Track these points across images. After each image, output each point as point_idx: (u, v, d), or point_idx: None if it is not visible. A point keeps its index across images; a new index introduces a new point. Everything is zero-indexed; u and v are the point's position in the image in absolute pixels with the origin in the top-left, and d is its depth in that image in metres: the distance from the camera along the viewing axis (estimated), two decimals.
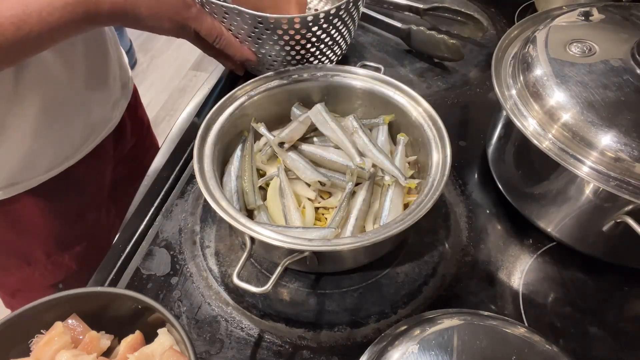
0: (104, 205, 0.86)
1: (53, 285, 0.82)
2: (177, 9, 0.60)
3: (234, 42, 0.67)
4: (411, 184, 0.58)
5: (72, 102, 0.70)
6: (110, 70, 0.77)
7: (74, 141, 0.73)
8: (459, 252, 0.62)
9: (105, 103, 0.78)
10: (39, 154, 0.69)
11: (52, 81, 0.65)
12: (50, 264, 0.80)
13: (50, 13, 0.51)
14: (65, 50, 0.65)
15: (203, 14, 0.63)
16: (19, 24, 0.50)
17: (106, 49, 0.75)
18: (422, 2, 0.93)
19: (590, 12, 0.64)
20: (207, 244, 0.63)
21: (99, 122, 0.77)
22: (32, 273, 0.80)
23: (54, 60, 0.64)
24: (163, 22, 0.60)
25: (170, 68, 2.55)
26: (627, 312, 0.58)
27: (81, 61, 0.69)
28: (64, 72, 0.66)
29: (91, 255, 0.82)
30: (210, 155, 0.58)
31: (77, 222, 0.81)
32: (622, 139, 0.50)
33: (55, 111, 0.68)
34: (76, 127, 0.72)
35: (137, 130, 0.92)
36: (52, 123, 0.68)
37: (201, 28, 0.63)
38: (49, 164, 0.71)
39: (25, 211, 0.73)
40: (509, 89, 0.60)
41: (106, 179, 0.85)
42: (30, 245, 0.77)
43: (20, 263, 0.79)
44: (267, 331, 0.56)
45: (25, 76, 0.62)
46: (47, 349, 0.43)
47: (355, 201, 0.58)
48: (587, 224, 0.57)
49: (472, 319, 0.45)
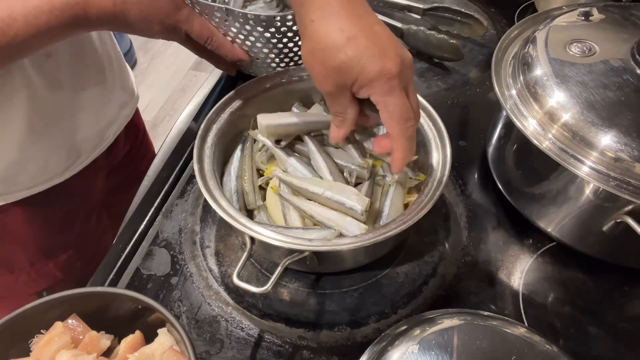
0: (94, 213, 0.84)
1: (37, 293, 0.80)
2: (167, 11, 0.58)
3: (226, 42, 0.67)
4: (420, 177, 0.58)
5: (57, 118, 0.68)
6: (105, 89, 0.75)
7: (60, 160, 0.72)
8: (459, 252, 0.62)
9: (97, 122, 0.76)
10: (22, 169, 0.67)
11: (35, 93, 0.64)
12: (34, 272, 0.78)
13: (36, 17, 0.50)
14: (46, 65, 0.64)
15: (194, 15, 0.62)
16: (4, 28, 0.49)
17: (101, 67, 0.74)
18: (422, 2, 0.93)
19: (590, 12, 0.64)
20: (207, 244, 0.63)
21: (88, 141, 0.75)
22: (15, 280, 0.78)
23: (35, 73, 0.63)
24: (153, 25, 0.58)
25: (170, 68, 2.55)
26: (627, 312, 0.58)
27: (65, 76, 0.67)
28: (46, 86, 0.65)
29: (78, 264, 0.81)
30: (210, 155, 0.58)
31: (64, 230, 0.79)
32: (622, 139, 0.50)
33: (40, 125, 0.66)
34: (62, 145, 0.71)
35: (131, 137, 0.89)
36: (36, 137, 0.66)
37: (192, 30, 0.62)
38: (32, 180, 0.69)
39: (9, 219, 0.71)
40: (509, 89, 0.60)
41: (97, 188, 0.83)
42: (13, 252, 0.76)
43: (3, 271, 0.77)
44: (267, 331, 0.56)
45: (10, 84, 0.61)
46: (47, 349, 0.43)
47: None
48: (587, 224, 0.57)
49: (472, 319, 0.45)
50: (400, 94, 0.46)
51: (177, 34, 0.62)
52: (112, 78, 0.77)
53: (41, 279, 0.80)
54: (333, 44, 0.46)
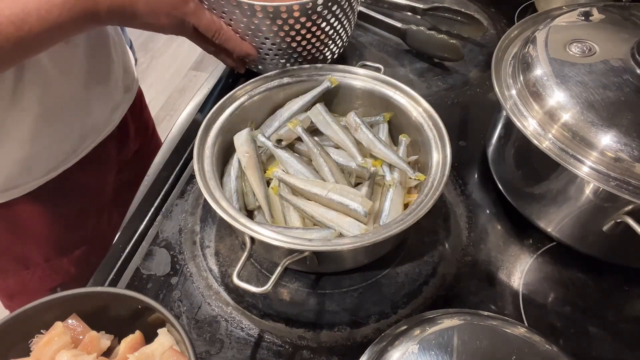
0: (105, 210, 0.85)
1: (51, 289, 0.81)
2: (175, 4, 0.59)
3: (234, 36, 0.67)
4: (420, 177, 0.58)
5: (70, 105, 0.70)
6: (112, 73, 0.77)
7: (72, 143, 0.73)
8: (459, 252, 0.62)
9: (105, 106, 0.77)
10: (36, 157, 0.68)
11: (51, 84, 0.65)
12: (48, 268, 0.79)
13: (48, 11, 0.51)
14: (63, 53, 0.65)
15: (201, 8, 0.63)
16: (19, 23, 0.50)
17: (108, 52, 0.75)
18: (422, 2, 0.93)
19: (590, 12, 0.64)
20: (207, 244, 0.63)
21: (97, 124, 0.76)
22: (30, 277, 0.79)
23: (52, 64, 0.64)
24: (161, 18, 0.59)
25: (170, 68, 2.55)
26: (627, 312, 0.58)
27: (80, 64, 0.69)
28: (61, 75, 0.66)
29: (91, 260, 0.81)
30: (210, 155, 0.58)
31: (77, 226, 0.80)
32: (622, 139, 0.50)
33: (54, 114, 0.67)
34: (74, 130, 0.72)
35: (141, 134, 0.91)
36: (50, 126, 0.68)
37: (200, 23, 0.63)
38: (46, 167, 0.71)
39: (24, 215, 0.72)
40: (509, 89, 0.60)
41: (108, 184, 0.84)
42: (28, 249, 0.77)
43: (18, 267, 0.78)
44: (267, 331, 0.56)
45: (24, 79, 0.61)
46: (47, 349, 0.43)
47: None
48: (587, 224, 0.57)
49: (472, 319, 0.45)
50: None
51: (185, 27, 0.62)
52: (117, 62, 0.78)
53: (56, 275, 0.80)
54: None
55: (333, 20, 0.70)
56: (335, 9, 0.68)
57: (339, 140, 0.62)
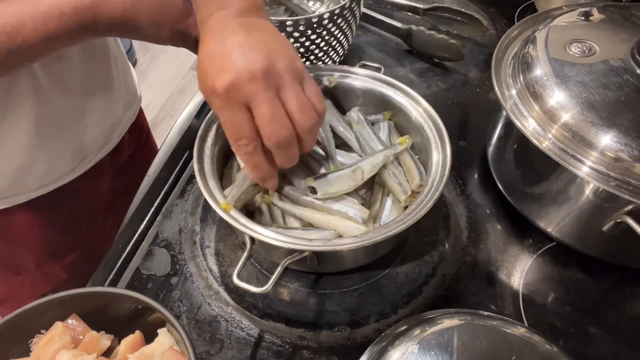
0: (100, 215, 0.84)
1: (41, 295, 0.80)
2: (177, 17, 0.58)
3: None
4: (413, 195, 0.57)
5: (66, 120, 0.68)
6: (112, 90, 0.75)
7: (67, 161, 0.72)
8: (459, 252, 0.62)
9: (104, 123, 0.76)
10: (29, 171, 0.67)
11: (44, 98, 0.64)
12: (39, 274, 0.78)
13: (44, 23, 0.50)
14: (56, 66, 0.63)
15: None
16: (12, 33, 0.48)
17: (108, 67, 0.74)
18: (422, 2, 0.93)
19: (590, 12, 0.64)
20: (207, 244, 0.63)
21: (95, 143, 0.75)
22: (20, 282, 0.78)
23: (46, 78, 0.63)
24: (163, 31, 0.58)
25: (170, 68, 2.54)
26: (627, 312, 0.58)
27: (75, 79, 0.67)
28: (55, 90, 0.65)
29: (82, 266, 0.81)
30: (210, 155, 0.58)
31: (70, 232, 0.79)
32: (622, 139, 0.50)
33: (48, 128, 0.66)
34: (71, 145, 0.71)
35: (135, 138, 0.89)
36: (44, 140, 0.66)
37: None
38: (39, 182, 0.69)
39: (16, 222, 0.71)
40: (509, 89, 0.60)
41: (102, 190, 0.83)
42: (19, 255, 0.76)
43: (8, 272, 0.78)
44: (267, 331, 0.56)
45: (18, 88, 0.60)
46: (47, 349, 0.43)
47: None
48: (587, 224, 0.57)
49: (472, 319, 0.45)
50: (229, 112, 0.46)
51: (187, 39, 0.61)
52: (118, 79, 0.77)
53: (47, 281, 0.80)
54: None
55: (337, 32, 0.71)
56: (340, 21, 0.69)
57: (346, 137, 0.62)
